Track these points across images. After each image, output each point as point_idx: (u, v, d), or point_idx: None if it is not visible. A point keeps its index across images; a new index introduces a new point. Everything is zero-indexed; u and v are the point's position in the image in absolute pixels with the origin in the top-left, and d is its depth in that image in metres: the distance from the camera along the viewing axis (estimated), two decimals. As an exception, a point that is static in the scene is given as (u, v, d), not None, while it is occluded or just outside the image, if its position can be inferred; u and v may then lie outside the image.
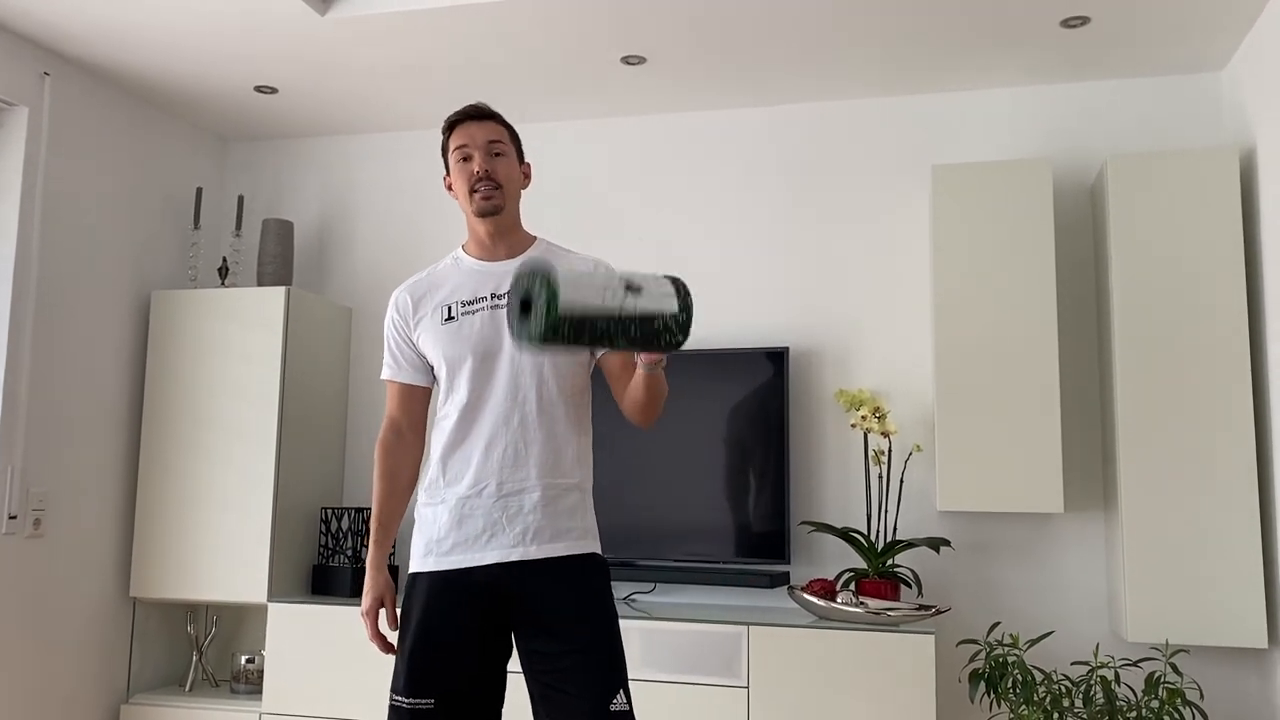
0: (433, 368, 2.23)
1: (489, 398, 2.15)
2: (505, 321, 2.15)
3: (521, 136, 3.77)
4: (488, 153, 2.20)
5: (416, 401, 2.25)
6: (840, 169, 3.68)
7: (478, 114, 2.23)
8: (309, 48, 3.35)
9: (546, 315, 1.75)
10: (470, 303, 2.19)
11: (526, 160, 2.31)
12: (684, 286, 1.87)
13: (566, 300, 1.76)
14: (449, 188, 2.27)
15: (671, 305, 1.84)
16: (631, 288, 1.82)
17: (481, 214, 2.20)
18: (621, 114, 3.87)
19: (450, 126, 2.24)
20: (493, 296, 2.19)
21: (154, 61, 3.48)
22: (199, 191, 3.93)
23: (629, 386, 2.12)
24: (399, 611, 2.17)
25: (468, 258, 2.26)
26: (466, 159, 2.21)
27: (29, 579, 3.31)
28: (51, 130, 3.41)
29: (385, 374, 2.27)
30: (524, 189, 2.30)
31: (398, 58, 3.42)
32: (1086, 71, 3.44)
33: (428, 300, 2.22)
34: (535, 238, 2.29)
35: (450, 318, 2.19)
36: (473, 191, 2.19)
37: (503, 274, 2.22)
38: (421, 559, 2.15)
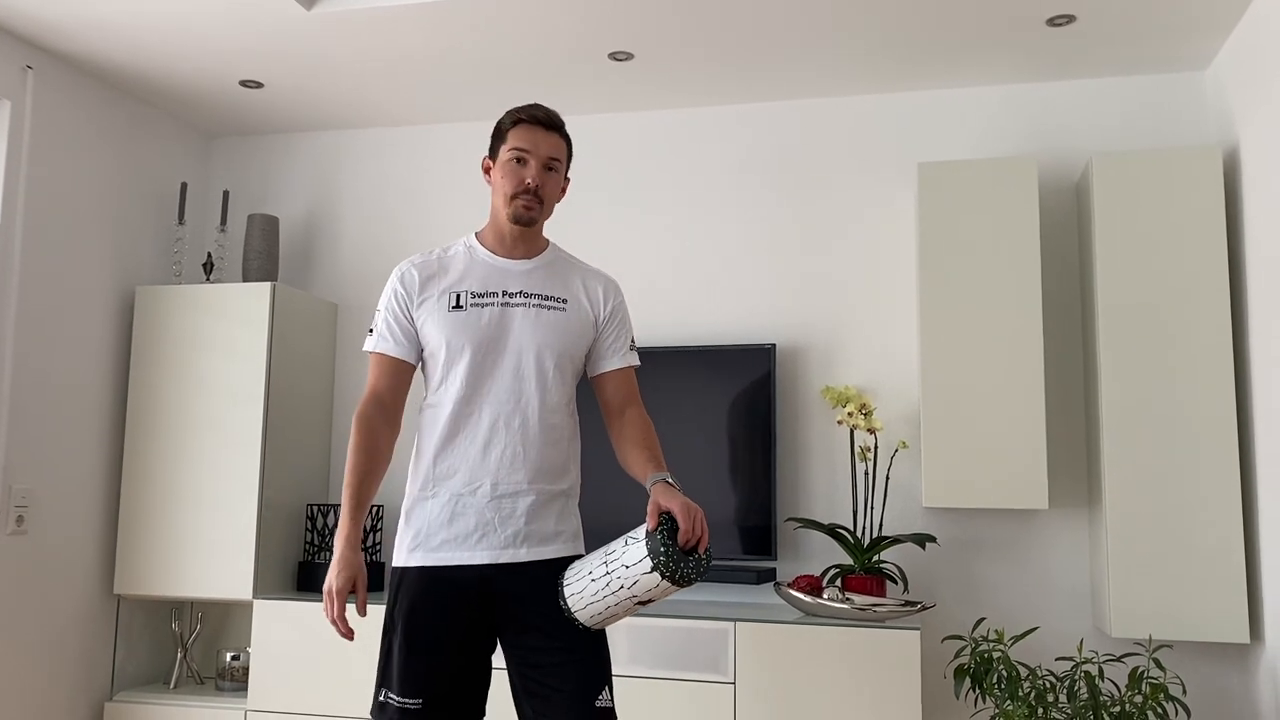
0: (423, 348, 2.22)
1: (488, 395, 2.14)
2: (513, 320, 2.17)
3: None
4: (543, 166, 2.18)
5: (402, 377, 2.21)
6: (826, 166, 3.69)
7: (549, 123, 2.20)
8: (295, 42, 3.34)
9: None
10: (480, 295, 2.18)
11: (568, 175, 2.30)
12: (658, 549, 1.94)
13: (590, 614, 2.02)
14: (486, 170, 2.24)
15: (652, 572, 1.95)
16: (625, 586, 1.98)
17: (516, 222, 2.19)
18: (608, 110, 3.86)
19: (516, 121, 2.20)
20: (504, 294, 2.18)
21: (138, 56, 3.46)
22: (183, 187, 3.90)
23: (624, 440, 2.19)
24: (387, 608, 2.16)
25: (482, 249, 2.24)
26: (521, 162, 2.18)
27: (11, 576, 3.29)
28: (34, 125, 3.38)
29: (376, 346, 2.20)
30: (558, 202, 2.29)
31: (383, 53, 3.40)
32: (1072, 69, 3.45)
33: (435, 282, 2.19)
34: (549, 242, 2.29)
35: (458, 305, 2.17)
36: (514, 197, 2.18)
37: (517, 273, 2.21)
38: (409, 553, 2.14)
